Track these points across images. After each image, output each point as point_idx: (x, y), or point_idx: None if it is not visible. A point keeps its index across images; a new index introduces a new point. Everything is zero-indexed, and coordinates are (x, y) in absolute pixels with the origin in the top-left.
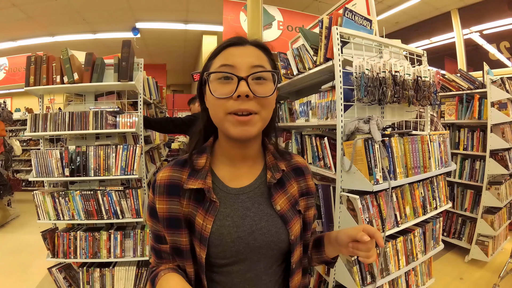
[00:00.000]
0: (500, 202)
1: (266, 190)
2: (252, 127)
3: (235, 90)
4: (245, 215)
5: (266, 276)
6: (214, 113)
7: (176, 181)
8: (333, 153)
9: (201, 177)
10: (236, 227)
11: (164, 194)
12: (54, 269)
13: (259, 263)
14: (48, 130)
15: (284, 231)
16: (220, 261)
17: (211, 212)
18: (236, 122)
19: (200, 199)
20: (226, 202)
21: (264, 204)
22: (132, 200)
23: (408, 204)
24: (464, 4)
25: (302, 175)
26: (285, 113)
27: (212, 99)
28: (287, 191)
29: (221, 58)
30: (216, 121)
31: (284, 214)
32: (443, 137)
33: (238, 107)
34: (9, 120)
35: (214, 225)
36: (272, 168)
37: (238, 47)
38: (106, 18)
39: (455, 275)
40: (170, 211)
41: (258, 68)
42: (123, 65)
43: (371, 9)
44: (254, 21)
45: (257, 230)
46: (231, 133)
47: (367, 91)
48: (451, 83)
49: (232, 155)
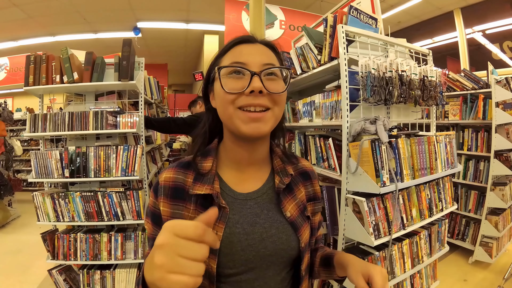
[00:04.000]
0: (504, 203)
1: (274, 195)
2: (264, 124)
3: (248, 85)
4: (254, 222)
5: (275, 284)
6: (223, 109)
7: (181, 184)
8: (337, 154)
9: (208, 182)
10: (246, 234)
11: (169, 197)
12: (54, 271)
13: (268, 270)
14: (47, 131)
15: (294, 238)
16: (228, 271)
17: (221, 219)
18: (247, 119)
19: (207, 205)
20: (234, 208)
21: (273, 211)
22: (133, 202)
23: (414, 206)
24: (466, 4)
25: (309, 179)
26: (288, 113)
27: (223, 94)
28: (295, 196)
29: (231, 56)
30: (224, 118)
31: (294, 221)
32: (450, 138)
33: (250, 102)
34: (10, 120)
35: (224, 233)
36: (280, 173)
37: (249, 45)
38: (107, 17)
39: (459, 276)
40: (174, 216)
41: (269, 65)
42: (123, 64)
43: (376, 7)
44: (256, 20)
45: (267, 238)
46: (242, 130)
47: (373, 91)
48: (455, 83)
49: (238, 158)
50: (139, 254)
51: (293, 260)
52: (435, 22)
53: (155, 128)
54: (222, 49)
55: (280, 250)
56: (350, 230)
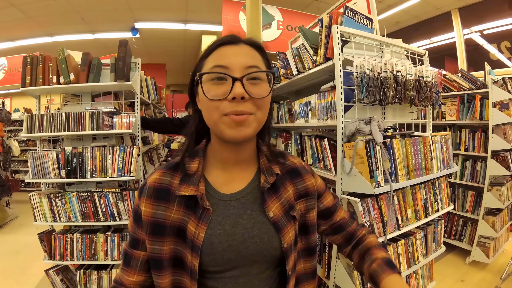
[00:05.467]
0: (501, 203)
1: (259, 195)
2: (247, 128)
3: (230, 91)
4: (236, 223)
5: (260, 281)
6: (208, 115)
7: (166, 185)
8: (333, 155)
9: (193, 183)
10: (228, 235)
11: (152, 198)
12: (51, 271)
13: (252, 268)
14: (44, 131)
15: (276, 239)
16: (212, 268)
17: (204, 220)
18: (231, 123)
19: (192, 205)
20: (217, 209)
21: (257, 211)
22: (129, 202)
23: (409, 207)
24: (464, 4)
25: (299, 175)
26: (284, 113)
27: (206, 101)
28: (280, 196)
29: (213, 58)
30: (210, 123)
31: (277, 222)
32: (445, 138)
33: (233, 109)
34: (8, 121)
35: (206, 234)
36: (266, 172)
37: (232, 46)
38: (105, 18)
39: (456, 277)
40: (155, 217)
41: (253, 68)
42: (119, 65)
43: (371, 7)
44: (254, 21)
45: (249, 239)
46: (226, 134)
47: (368, 91)
48: (452, 83)
49: (224, 158)
50: None
51: (278, 259)
52: (433, 22)
53: (152, 129)
54: (205, 50)
55: (262, 250)
56: None
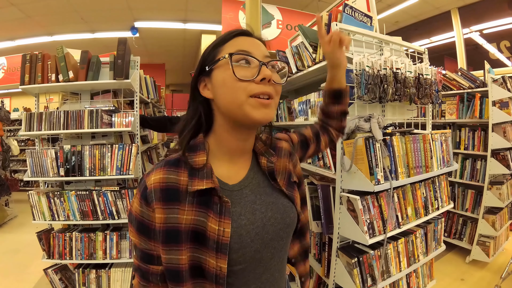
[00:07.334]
0: (501, 202)
1: (261, 178)
2: (272, 111)
3: (258, 73)
4: (254, 210)
5: (278, 273)
6: (233, 96)
7: (174, 184)
8: (332, 153)
9: (206, 176)
10: (251, 224)
11: (161, 201)
12: (50, 270)
13: (273, 260)
14: (43, 130)
15: (290, 210)
16: (237, 267)
17: (226, 214)
18: (258, 105)
19: (205, 202)
20: (233, 200)
21: (264, 194)
22: (128, 201)
23: (409, 204)
24: (464, 3)
25: (279, 147)
26: (284, 112)
27: (233, 82)
28: (280, 170)
29: (234, 45)
30: (233, 106)
31: (289, 195)
32: (445, 136)
33: (261, 89)
34: (7, 120)
35: (232, 228)
36: (265, 153)
37: (248, 38)
38: (105, 17)
39: (456, 276)
40: (169, 222)
41: (270, 58)
42: (118, 63)
43: (371, 5)
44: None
45: (267, 221)
46: (253, 116)
47: (368, 88)
48: (452, 82)
49: (232, 148)
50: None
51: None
52: (432, 22)
53: (151, 127)
54: (220, 39)
55: (278, 230)
56: (345, 228)
